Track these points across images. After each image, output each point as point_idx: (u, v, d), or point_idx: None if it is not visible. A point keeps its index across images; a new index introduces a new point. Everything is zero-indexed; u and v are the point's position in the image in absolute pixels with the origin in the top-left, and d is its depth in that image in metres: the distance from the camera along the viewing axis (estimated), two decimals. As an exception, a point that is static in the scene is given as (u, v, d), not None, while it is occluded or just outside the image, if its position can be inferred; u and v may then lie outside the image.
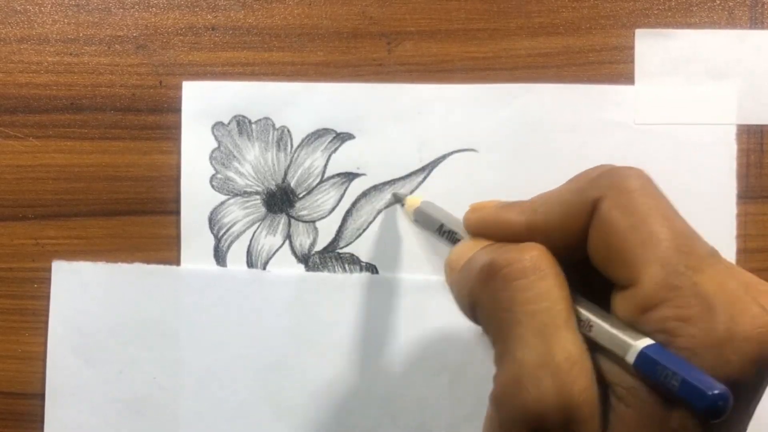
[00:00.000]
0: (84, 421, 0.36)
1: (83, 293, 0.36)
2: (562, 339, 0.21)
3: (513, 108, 0.36)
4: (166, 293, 0.36)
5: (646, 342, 0.19)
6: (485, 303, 0.23)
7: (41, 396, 0.36)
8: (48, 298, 0.36)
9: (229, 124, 0.36)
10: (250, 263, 0.36)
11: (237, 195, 0.36)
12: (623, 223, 0.21)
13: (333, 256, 0.36)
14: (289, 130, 0.36)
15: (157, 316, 0.36)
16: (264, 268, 0.36)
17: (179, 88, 0.36)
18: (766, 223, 0.36)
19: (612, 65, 0.36)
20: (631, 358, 0.20)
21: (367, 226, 0.36)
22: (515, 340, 0.21)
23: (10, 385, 0.36)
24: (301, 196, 0.36)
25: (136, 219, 0.36)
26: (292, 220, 0.36)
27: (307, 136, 0.36)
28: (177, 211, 0.36)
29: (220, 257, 0.36)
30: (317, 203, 0.36)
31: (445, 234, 0.29)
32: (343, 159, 0.36)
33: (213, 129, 0.36)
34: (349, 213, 0.36)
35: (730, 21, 0.36)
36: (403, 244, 0.36)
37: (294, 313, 0.36)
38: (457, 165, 0.36)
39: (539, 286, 0.21)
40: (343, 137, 0.36)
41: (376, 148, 0.36)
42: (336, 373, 0.36)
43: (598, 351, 0.21)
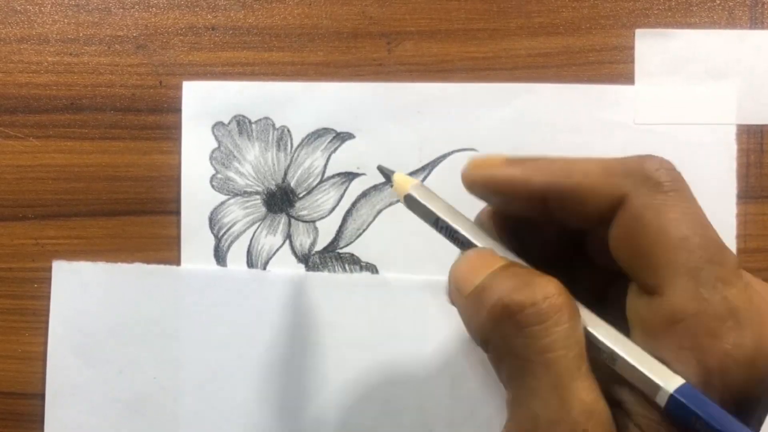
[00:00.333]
0: (84, 421, 0.36)
1: (83, 293, 0.36)
2: (577, 390, 0.20)
3: (513, 108, 0.36)
4: (166, 293, 0.36)
5: (677, 383, 0.19)
6: (497, 345, 0.21)
7: (41, 396, 0.36)
8: (48, 298, 0.36)
9: (229, 124, 0.36)
10: (251, 263, 0.36)
11: (237, 195, 0.36)
12: (654, 225, 0.20)
13: (333, 256, 0.36)
14: (289, 130, 0.36)
15: (157, 316, 0.36)
16: (264, 268, 0.36)
17: (179, 88, 0.36)
18: (766, 223, 0.36)
19: (612, 65, 0.36)
20: (661, 401, 0.19)
21: (367, 226, 0.36)
22: (529, 391, 0.20)
23: (10, 385, 0.36)
24: (301, 195, 0.36)
25: (136, 219, 0.36)
26: (293, 220, 0.36)
27: (307, 136, 0.36)
28: (177, 211, 0.36)
29: (220, 257, 0.36)
30: (317, 203, 0.36)
31: (443, 230, 0.26)
32: (343, 159, 0.36)
33: (213, 129, 0.36)
34: (349, 213, 0.36)
35: (730, 21, 0.36)
36: (403, 244, 0.36)
37: (294, 313, 0.36)
38: (457, 165, 0.36)
39: (555, 332, 0.20)
40: (343, 137, 0.36)
41: (376, 147, 0.36)
42: (336, 373, 0.36)
43: (617, 379, 0.21)
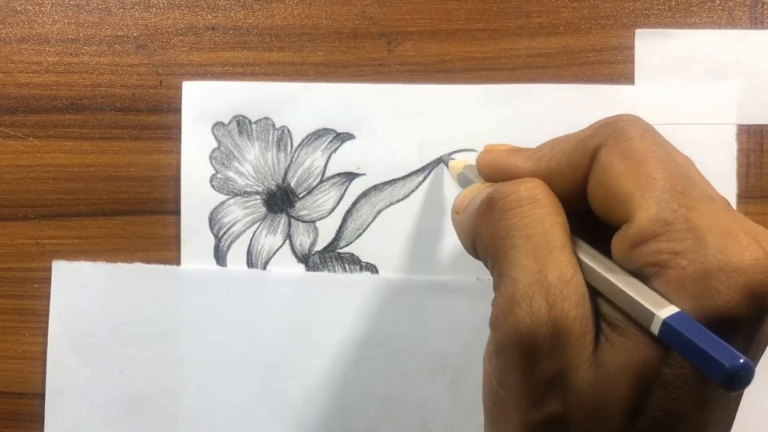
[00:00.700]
0: (84, 421, 0.36)
1: (83, 293, 0.36)
2: (555, 260, 0.21)
3: (513, 108, 0.36)
4: (166, 293, 0.36)
5: (669, 311, 0.19)
6: (484, 234, 0.23)
7: (41, 396, 0.36)
8: (48, 298, 0.36)
9: (229, 124, 0.36)
10: (250, 263, 0.36)
11: (237, 195, 0.36)
12: (620, 167, 0.21)
13: (333, 256, 0.36)
14: (289, 130, 0.36)
15: (157, 315, 0.36)
16: (264, 268, 0.36)
17: (179, 88, 0.36)
18: (766, 223, 0.36)
19: (612, 65, 0.36)
20: (655, 329, 0.19)
21: (367, 226, 0.36)
22: (511, 262, 0.22)
23: (10, 385, 0.36)
24: (301, 195, 0.36)
25: (136, 219, 0.36)
26: (293, 220, 0.36)
27: (308, 136, 0.36)
28: (177, 211, 0.36)
29: (220, 257, 0.36)
30: (317, 203, 0.36)
31: None
32: (343, 159, 0.36)
33: (213, 129, 0.36)
34: (349, 213, 0.36)
35: (730, 21, 0.36)
36: (403, 244, 0.36)
37: (294, 313, 0.36)
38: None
39: (535, 213, 0.22)
40: (343, 137, 0.36)
41: (376, 148, 0.36)
42: (336, 373, 0.36)
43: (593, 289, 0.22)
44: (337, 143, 0.36)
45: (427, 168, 0.36)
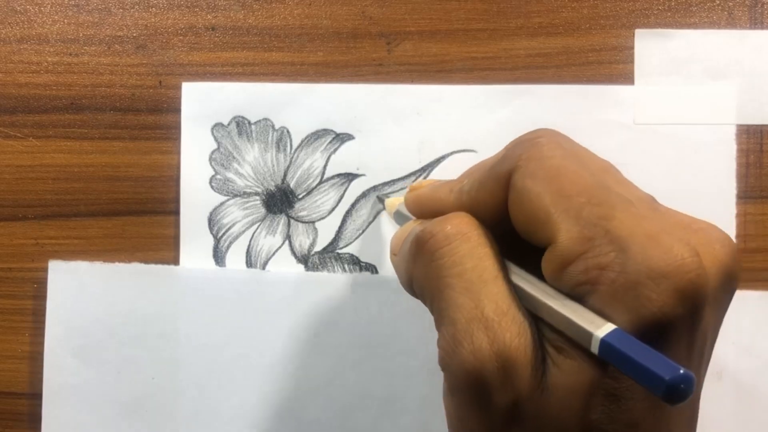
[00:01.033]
0: (82, 421, 0.36)
1: (80, 293, 0.36)
2: (489, 293, 0.21)
3: (512, 108, 0.36)
4: (164, 293, 0.36)
5: (606, 330, 0.19)
6: (418, 276, 0.23)
7: (39, 396, 0.36)
8: (46, 297, 0.36)
9: (228, 124, 0.36)
10: (250, 264, 0.36)
11: (236, 195, 0.36)
12: (534, 190, 0.21)
13: (333, 257, 0.36)
14: (288, 131, 0.36)
15: (156, 315, 0.36)
16: (263, 269, 0.36)
17: (179, 89, 0.36)
18: (765, 223, 0.36)
19: (612, 65, 0.36)
20: (595, 349, 0.19)
21: (366, 227, 0.36)
22: (447, 302, 0.22)
23: (9, 385, 0.36)
24: (300, 196, 0.36)
25: (136, 219, 0.36)
26: (292, 221, 0.36)
27: (307, 137, 0.36)
28: (176, 212, 0.36)
29: (219, 257, 0.36)
30: (317, 204, 0.36)
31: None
32: (342, 159, 0.36)
33: (212, 130, 0.36)
34: (348, 213, 0.36)
35: (730, 21, 0.36)
36: (403, 244, 0.36)
37: (293, 313, 0.36)
38: (456, 165, 0.36)
39: (463, 248, 0.22)
40: (342, 138, 0.36)
41: (375, 148, 0.36)
42: (336, 373, 0.36)
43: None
44: (336, 144, 0.36)
45: (427, 168, 0.36)
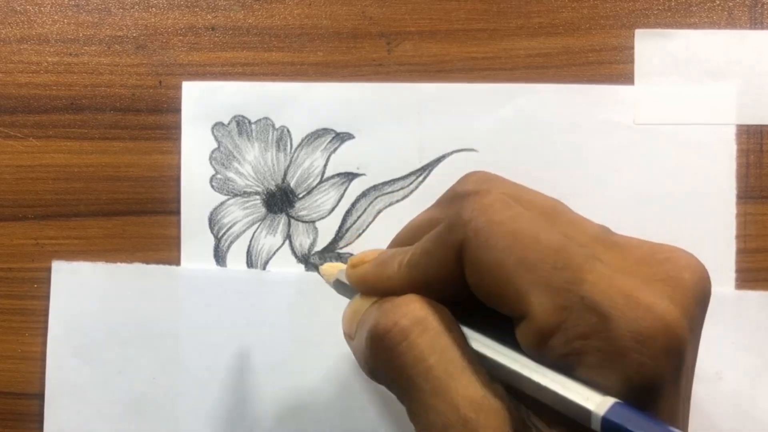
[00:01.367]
0: (83, 421, 0.36)
1: (83, 293, 0.36)
2: (461, 388, 0.20)
3: (513, 108, 0.36)
4: (166, 293, 0.36)
5: (605, 405, 0.18)
6: (382, 373, 0.22)
7: (41, 396, 0.36)
8: (48, 298, 0.36)
9: (228, 124, 0.36)
10: (250, 263, 0.36)
11: (237, 195, 0.36)
12: (493, 262, 0.20)
13: (333, 257, 0.36)
14: (288, 130, 0.36)
15: (157, 315, 0.36)
16: (264, 269, 0.36)
17: (179, 89, 0.36)
18: (765, 223, 0.36)
19: (612, 65, 0.36)
20: (596, 426, 0.18)
21: (366, 227, 0.36)
22: (419, 405, 0.20)
23: (9, 385, 0.36)
24: (300, 196, 0.36)
25: (136, 219, 0.36)
26: (292, 221, 0.36)
27: (307, 136, 0.36)
28: (177, 212, 0.36)
29: (220, 257, 0.36)
30: (317, 203, 0.36)
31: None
32: (342, 159, 0.36)
33: (213, 129, 0.36)
34: (348, 213, 0.36)
35: (730, 21, 0.36)
36: (403, 244, 0.36)
37: (294, 313, 0.36)
38: (456, 165, 0.36)
39: (423, 341, 0.21)
40: (342, 137, 0.36)
41: (375, 148, 0.36)
42: (336, 374, 0.36)
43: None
44: (336, 143, 0.36)
45: (427, 168, 0.36)
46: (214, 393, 0.36)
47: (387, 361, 0.21)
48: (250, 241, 0.36)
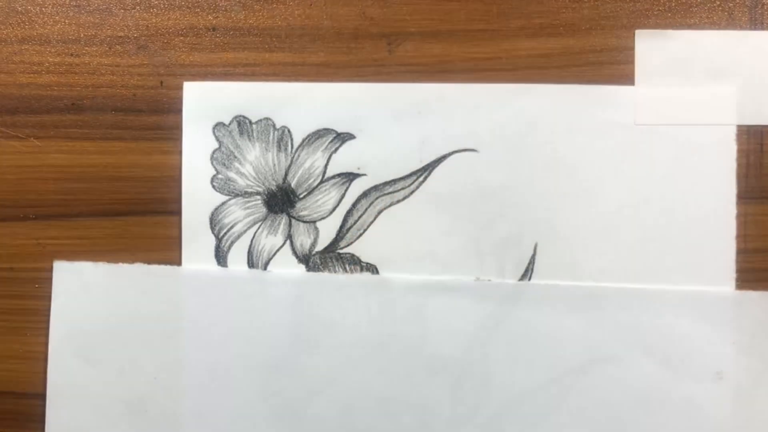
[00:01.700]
0: (85, 421, 0.36)
1: (84, 293, 0.36)
2: None
3: (513, 108, 0.36)
4: (167, 293, 0.36)
5: None
6: None
7: (42, 396, 0.36)
8: (49, 298, 0.36)
9: (229, 124, 0.36)
10: (251, 263, 0.36)
11: (238, 195, 0.36)
12: None
13: (334, 256, 0.36)
14: (289, 131, 0.36)
15: (159, 316, 0.36)
16: (265, 269, 0.36)
17: (180, 89, 0.36)
18: (766, 223, 0.36)
19: (612, 66, 0.36)
20: None
21: (367, 227, 0.36)
22: None
23: (10, 385, 0.36)
24: (301, 196, 0.36)
25: (138, 219, 0.36)
26: (293, 221, 0.36)
27: (308, 137, 0.36)
28: (178, 212, 0.36)
29: (221, 257, 0.36)
30: (318, 203, 0.36)
31: None
32: (343, 159, 0.36)
33: (214, 129, 0.36)
34: (349, 213, 0.36)
35: (730, 21, 0.36)
36: (403, 244, 0.36)
37: (295, 314, 0.36)
38: (457, 165, 0.36)
39: None
40: (343, 137, 0.36)
41: (376, 148, 0.36)
42: (336, 374, 0.36)
43: None
44: (337, 143, 0.36)
45: (428, 168, 0.36)
46: (214, 393, 0.36)
47: None
48: (251, 241, 0.36)
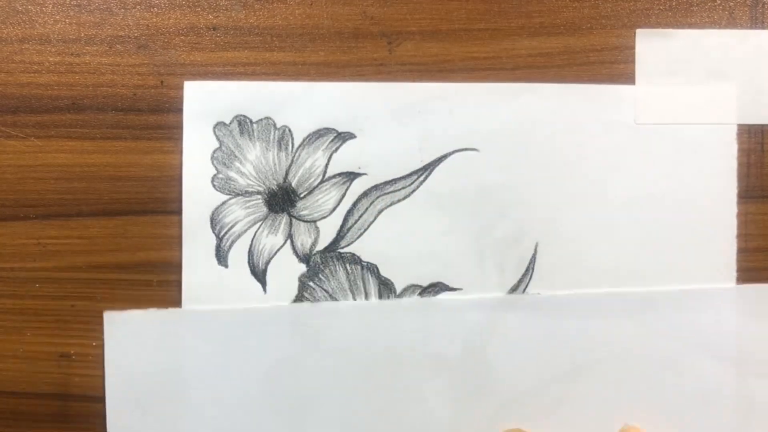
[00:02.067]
0: None
1: (135, 341, 0.35)
2: None
3: (514, 107, 0.36)
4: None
5: None
6: None
7: (41, 395, 0.36)
8: (52, 299, 0.36)
9: (230, 123, 0.36)
10: (252, 263, 0.36)
11: (238, 195, 0.36)
12: None
13: (334, 256, 0.36)
14: (290, 130, 0.36)
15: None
16: (265, 268, 0.36)
17: (181, 88, 0.36)
18: (766, 222, 0.36)
19: (613, 65, 0.36)
20: None
21: (368, 226, 0.36)
22: None
23: (10, 385, 0.36)
24: (302, 195, 0.36)
25: (138, 219, 0.36)
26: (294, 220, 0.36)
27: (309, 136, 0.36)
28: (178, 211, 0.36)
29: (221, 257, 0.36)
30: (318, 203, 0.36)
31: None
32: (344, 158, 0.36)
33: (214, 129, 0.36)
34: (350, 213, 0.36)
35: (731, 21, 0.36)
36: (404, 243, 0.36)
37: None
38: (458, 164, 0.36)
39: None
40: (344, 137, 0.36)
41: (377, 147, 0.36)
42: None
43: None
44: (338, 143, 0.36)
45: (429, 167, 0.36)
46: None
47: None
48: (252, 240, 0.36)
